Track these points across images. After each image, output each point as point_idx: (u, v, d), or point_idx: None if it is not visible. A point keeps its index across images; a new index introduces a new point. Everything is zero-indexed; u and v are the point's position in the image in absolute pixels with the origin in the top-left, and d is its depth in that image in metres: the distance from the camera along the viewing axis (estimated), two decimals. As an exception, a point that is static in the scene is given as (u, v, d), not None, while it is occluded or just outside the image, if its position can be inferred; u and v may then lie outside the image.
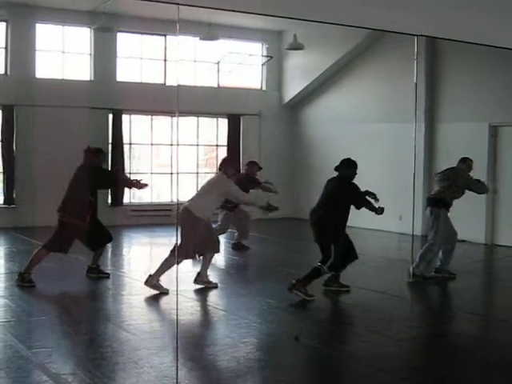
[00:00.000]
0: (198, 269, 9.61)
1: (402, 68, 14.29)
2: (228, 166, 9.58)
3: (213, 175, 10.01)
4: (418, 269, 10.13)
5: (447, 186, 10.51)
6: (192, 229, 9.04)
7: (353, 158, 9.43)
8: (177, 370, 5.90)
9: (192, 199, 9.37)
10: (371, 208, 9.22)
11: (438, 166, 15.17)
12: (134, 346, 6.87)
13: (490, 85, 14.23)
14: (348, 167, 9.36)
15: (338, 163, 9.39)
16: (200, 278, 9.55)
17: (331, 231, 9.16)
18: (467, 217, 14.52)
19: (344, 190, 9.23)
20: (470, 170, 10.71)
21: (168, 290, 8.99)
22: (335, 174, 9.39)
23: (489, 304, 9.96)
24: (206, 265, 9.57)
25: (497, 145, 14.32)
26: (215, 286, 9.62)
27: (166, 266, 9.07)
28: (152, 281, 9.10)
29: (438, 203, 10.49)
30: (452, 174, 10.62)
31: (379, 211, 9.20)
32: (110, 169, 16.14)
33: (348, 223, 9.30)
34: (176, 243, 9.05)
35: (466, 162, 10.70)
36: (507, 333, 7.80)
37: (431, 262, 10.39)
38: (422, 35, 5.68)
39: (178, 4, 4.57)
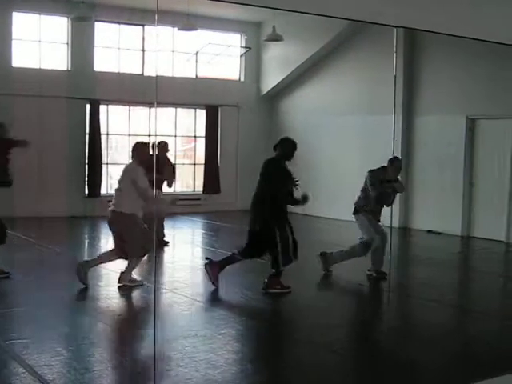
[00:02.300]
0: (174, 259, 9.57)
1: (381, 60, 14.39)
2: (137, 152, 9.06)
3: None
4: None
5: (362, 191, 9.99)
6: (128, 228, 8.85)
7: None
8: (154, 361, 5.88)
9: (114, 199, 8.95)
10: (293, 201, 8.88)
11: (416, 157, 15.29)
12: (111, 338, 6.84)
13: (468, 78, 14.30)
14: (282, 145, 8.88)
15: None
16: (124, 276, 9.02)
17: (263, 217, 8.75)
18: (443, 209, 14.66)
19: (272, 172, 8.77)
20: (399, 172, 10.08)
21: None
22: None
23: (462, 295, 10.02)
24: (132, 265, 9.01)
25: (474, 137, 14.39)
26: (140, 284, 9.03)
27: (105, 259, 9.03)
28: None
29: (356, 209, 10.08)
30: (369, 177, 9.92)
31: (302, 201, 8.87)
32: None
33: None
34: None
35: (394, 164, 9.93)
36: (481, 323, 7.86)
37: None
38: (401, 27, 5.68)
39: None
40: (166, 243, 12.48)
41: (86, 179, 16.48)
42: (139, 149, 9.09)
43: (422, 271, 10.86)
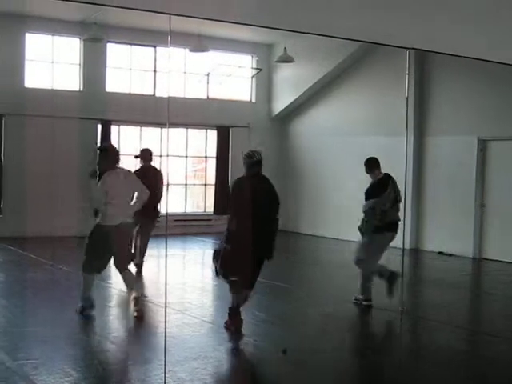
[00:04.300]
0: (185, 280, 9.51)
1: (392, 81, 14.42)
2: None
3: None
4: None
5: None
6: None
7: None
8: (165, 382, 5.85)
9: (117, 209, 8.39)
10: None
11: (427, 178, 15.25)
12: (121, 359, 6.81)
13: (479, 99, 14.29)
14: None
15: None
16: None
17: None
18: (455, 230, 14.59)
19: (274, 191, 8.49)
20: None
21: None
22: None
23: (474, 317, 9.94)
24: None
25: (485, 158, 14.35)
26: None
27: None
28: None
29: None
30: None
31: None
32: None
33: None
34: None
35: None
36: (494, 346, 7.79)
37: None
38: (413, 48, 5.67)
39: (170, 14, 4.55)
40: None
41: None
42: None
43: (433, 293, 10.78)
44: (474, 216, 14.30)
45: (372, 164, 9.62)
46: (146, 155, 11.82)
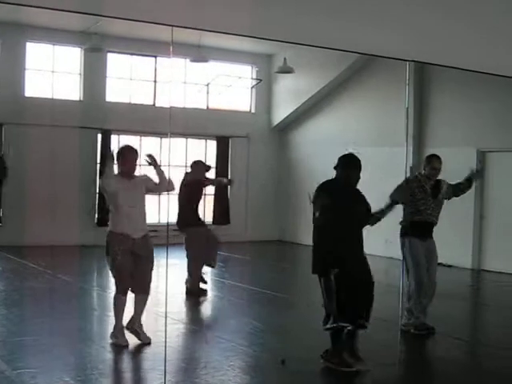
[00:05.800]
0: (183, 289, 9.46)
1: (391, 92, 14.46)
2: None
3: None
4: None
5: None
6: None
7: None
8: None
9: (135, 221, 7.92)
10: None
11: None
12: (121, 368, 6.81)
13: (478, 111, 14.30)
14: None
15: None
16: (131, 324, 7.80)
17: None
18: (454, 241, 14.58)
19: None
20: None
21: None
22: None
23: (474, 329, 9.93)
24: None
25: (485, 170, 14.35)
26: (147, 343, 7.71)
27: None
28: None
29: None
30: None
31: None
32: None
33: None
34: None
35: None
36: (490, 358, 7.78)
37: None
38: (413, 61, 5.70)
39: (173, 26, 4.58)
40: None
41: (96, 208, 16.50)
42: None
43: (434, 305, 10.75)
44: (473, 227, 14.31)
45: None
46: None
